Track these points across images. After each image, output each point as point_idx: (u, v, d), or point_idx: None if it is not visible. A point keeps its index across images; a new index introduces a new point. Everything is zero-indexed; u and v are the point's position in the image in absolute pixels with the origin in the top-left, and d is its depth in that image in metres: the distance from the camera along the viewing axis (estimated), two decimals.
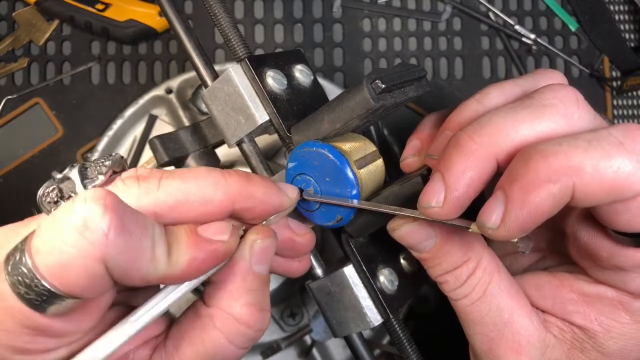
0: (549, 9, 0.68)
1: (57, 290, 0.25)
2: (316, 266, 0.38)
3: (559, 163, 0.25)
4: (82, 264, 0.25)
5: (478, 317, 0.33)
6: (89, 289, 0.26)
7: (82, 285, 0.25)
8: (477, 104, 0.32)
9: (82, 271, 0.25)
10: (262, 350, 0.58)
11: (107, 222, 0.25)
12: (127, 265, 0.26)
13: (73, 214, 0.25)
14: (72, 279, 0.25)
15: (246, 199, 0.31)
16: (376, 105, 0.31)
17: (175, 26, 0.38)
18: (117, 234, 0.25)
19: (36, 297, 0.25)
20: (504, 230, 0.26)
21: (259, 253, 0.31)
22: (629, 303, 0.31)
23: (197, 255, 0.29)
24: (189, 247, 0.29)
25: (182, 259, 0.28)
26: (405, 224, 0.33)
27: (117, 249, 0.25)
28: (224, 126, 0.37)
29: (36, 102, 0.64)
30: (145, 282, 0.27)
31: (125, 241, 0.25)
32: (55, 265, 0.25)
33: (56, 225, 0.25)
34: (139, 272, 0.27)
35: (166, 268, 0.28)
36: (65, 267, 0.25)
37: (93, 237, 0.25)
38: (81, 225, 0.25)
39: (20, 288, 0.25)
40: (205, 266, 0.29)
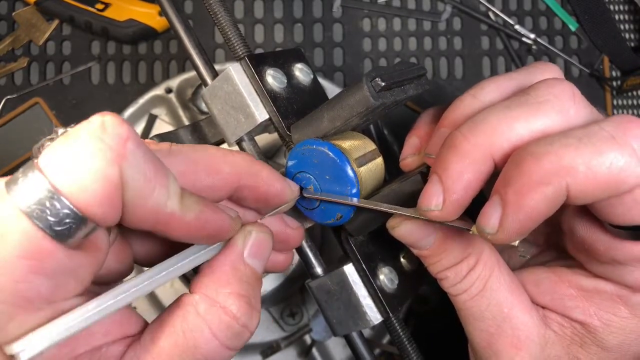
0: (549, 9, 0.68)
1: (75, 206, 0.22)
2: (316, 265, 0.38)
3: (551, 164, 0.25)
4: (101, 172, 0.22)
5: (477, 312, 0.33)
6: (107, 205, 0.23)
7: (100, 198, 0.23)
8: (473, 99, 0.32)
9: (101, 180, 0.22)
10: (262, 350, 0.58)
11: (125, 130, 0.23)
12: (141, 182, 0.24)
13: (89, 122, 0.23)
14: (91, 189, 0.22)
15: (252, 176, 0.31)
16: (376, 104, 0.31)
17: (175, 25, 0.38)
18: (136, 145, 0.24)
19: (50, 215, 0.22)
20: (503, 234, 0.27)
21: (254, 245, 0.30)
22: (627, 297, 0.31)
23: (206, 212, 0.27)
24: (200, 203, 0.27)
25: (192, 208, 0.27)
26: (405, 222, 0.33)
27: (134, 159, 0.23)
28: (223, 125, 0.37)
29: (36, 102, 0.64)
30: (153, 215, 0.25)
31: (142, 154, 0.24)
32: (72, 174, 0.22)
33: (70, 136, 0.23)
34: (150, 196, 0.24)
35: (176, 206, 0.26)
36: (83, 175, 0.22)
37: (112, 140, 0.23)
38: (99, 129, 0.23)
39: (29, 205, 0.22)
40: (210, 226, 0.28)
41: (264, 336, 0.58)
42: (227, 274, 0.29)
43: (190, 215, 0.27)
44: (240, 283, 0.29)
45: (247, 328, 0.28)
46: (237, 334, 0.28)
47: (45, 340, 0.23)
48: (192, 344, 0.27)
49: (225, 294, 0.28)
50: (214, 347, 0.27)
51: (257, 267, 0.31)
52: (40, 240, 0.22)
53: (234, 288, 0.28)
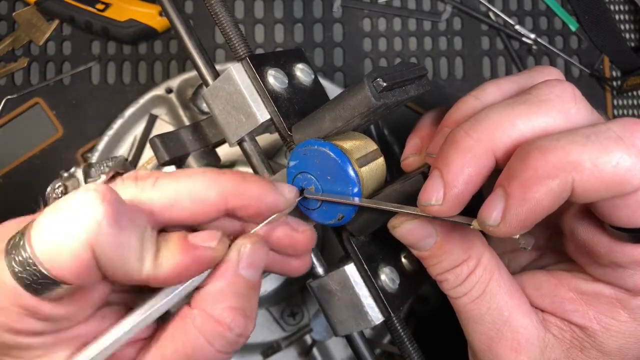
0: (549, 9, 0.68)
1: (49, 274, 0.26)
2: (317, 265, 0.38)
3: (558, 159, 0.25)
4: (72, 249, 0.26)
5: (477, 316, 0.33)
6: (78, 275, 0.27)
7: (71, 270, 0.26)
8: (474, 100, 0.32)
9: (71, 256, 0.26)
10: (262, 350, 0.58)
11: (101, 212, 0.26)
12: (113, 258, 0.27)
13: (73, 201, 0.27)
14: (62, 263, 0.26)
15: (239, 197, 0.31)
16: (377, 104, 0.31)
17: (176, 25, 0.38)
18: (109, 225, 0.27)
19: (31, 279, 0.26)
20: (505, 227, 0.26)
21: (247, 257, 0.31)
22: (627, 301, 0.31)
23: (182, 259, 0.29)
24: (175, 251, 0.29)
25: (166, 262, 0.29)
26: (406, 222, 0.33)
27: (106, 239, 0.27)
28: (224, 125, 0.37)
29: (36, 102, 0.64)
30: (128, 279, 0.28)
31: (115, 234, 0.27)
32: (49, 249, 0.26)
33: (55, 211, 0.27)
34: (124, 267, 0.28)
35: (151, 269, 0.29)
36: (57, 251, 0.26)
37: (86, 224, 0.26)
38: (77, 212, 0.26)
39: (17, 269, 0.26)
40: (189, 271, 0.30)
41: (264, 336, 0.58)
42: (223, 289, 0.31)
43: (165, 270, 0.29)
44: (235, 296, 0.31)
45: (241, 336, 0.31)
46: (232, 342, 0.31)
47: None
48: (191, 352, 0.30)
49: (220, 308, 0.30)
50: (210, 353, 0.30)
51: (252, 276, 0.32)
52: (25, 295, 0.27)
53: (229, 302, 0.31)
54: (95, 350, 0.29)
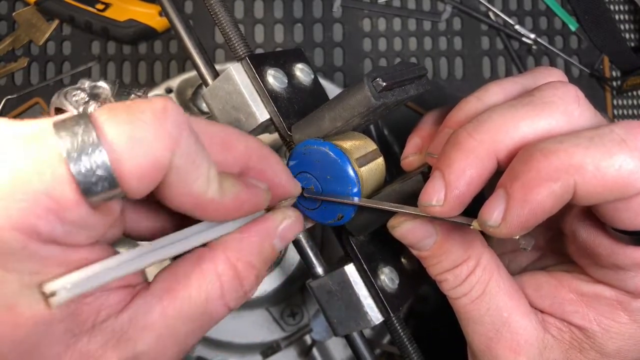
0: (549, 9, 0.68)
1: (119, 176, 0.23)
2: (317, 265, 0.38)
3: (561, 161, 0.25)
4: (157, 153, 0.23)
5: (477, 316, 0.33)
6: (147, 184, 0.24)
7: (145, 177, 0.24)
8: (477, 101, 0.32)
9: (151, 156, 0.23)
10: (262, 350, 0.58)
11: (185, 119, 0.25)
12: (188, 170, 0.25)
13: (152, 102, 0.24)
14: (142, 166, 0.23)
15: (261, 159, 0.31)
16: (377, 104, 0.31)
17: (175, 25, 0.38)
18: (190, 134, 0.25)
19: (92, 176, 0.23)
20: (505, 228, 0.26)
21: (287, 229, 0.32)
22: (627, 303, 0.31)
23: (244, 192, 0.28)
24: (237, 183, 0.28)
25: (230, 191, 0.28)
26: (406, 222, 0.33)
27: (187, 148, 0.25)
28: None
29: (36, 102, 0.64)
30: (191, 201, 0.26)
31: (195, 145, 0.25)
32: (126, 140, 0.23)
33: (133, 107, 0.24)
34: (193, 184, 0.26)
35: (216, 192, 0.27)
36: (137, 145, 0.23)
37: (171, 125, 0.24)
38: (162, 111, 0.24)
39: (74, 152, 0.22)
40: (247, 206, 0.29)
41: (264, 336, 0.58)
42: (253, 245, 0.30)
43: (229, 198, 0.28)
44: (259, 257, 0.30)
45: (246, 295, 0.30)
46: (239, 297, 0.30)
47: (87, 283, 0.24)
48: (205, 297, 0.28)
49: (243, 261, 0.29)
50: (220, 305, 0.29)
51: (278, 247, 0.31)
52: (69, 190, 0.23)
53: (252, 259, 0.30)
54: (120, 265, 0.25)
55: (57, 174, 0.23)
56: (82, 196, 0.23)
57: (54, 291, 0.23)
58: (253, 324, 0.58)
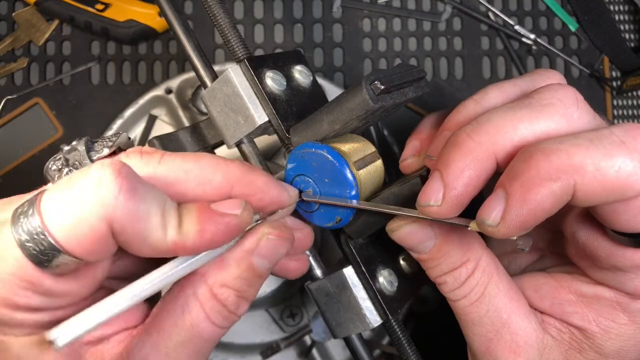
0: (549, 9, 0.68)
1: (61, 248, 0.26)
2: (315, 267, 0.38)
3: (561, 161, 0.25)
4: (89, 223, 0.25)
5: (476, 318, 0.33)
6: (92, 251, 0.26)
7: (84, 244, 0.26)
8: (476, 104, 0.32)
9: (87, 230, 0.26)
10: (262, 351, 0.58)
11: (118, 185, 0.26)
12: (135, 230, 0.26)
13: (88, 174, 0.26)
14: (78, 237, 0.26)
15: (245, 185, 0.31)
16: (375, 107, 0.31)
17: (174, 27, 0.38)
18: (127, 199, 0.26)
19: (40, 252, 0.26)
20: (504, 228, 0.26)
21: (266, 248, 0.31)
22: (627, 304, 0.31)
23: (207, 226, 0.28)
24: (200, 218, 0.29)
25: (192, 229, 0.28)
26: (405, 225, 0.33)
27: (125, 212, 0.26)
28: (223, 127, 0.37)
29: (36, 102, 0.64)
30: (155, 250, 0.28)
31: (135, 205, 0.26)
32: (63, 222, 0.25)
33: (69, 184, 0.26)
34: (148, 238, 0.27)
35: (177, 236, 0.28)
36: (73, 224, 0.25)
37: (103, 197, 0.25)
38: (94, 185, 0.26)
39: (24, 237, 0.26)
40: (216, 238, 0.29)
41: (263, 337, 0.58)
42: (229, 268, 0.31)
43: (191, 238, 0.28)
44: (236, 279, 0.31)
45: (235, 314, 0.31)
46: (227, 317, 0.31)
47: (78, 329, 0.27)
48: (190, 322, 0.30)
49: (219, 284, 0.31)
50: (207, 325, 0.30)
51: (262, 266, 0.31)
52: (30, 269, 0.26)
53: (229, 282, 0.31)
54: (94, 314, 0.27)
55: (15, 257, 0.26)
56: (41, 270, 0.26)
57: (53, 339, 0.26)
58: (253, 325, 0.58)
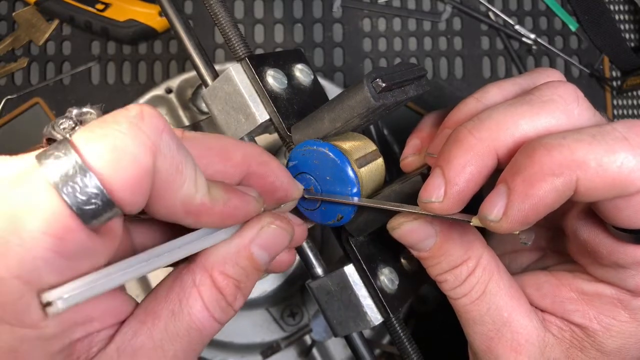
0: (549, 9, 0.68)
1: (104, 187, 0.22)
2: (316, 265, 0.38)
3: (563, 156, 0.25)
4: (135, 156, 0.23)
5: (477, 316, 0.33)
6: (136, 190, 0.23)
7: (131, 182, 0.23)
8: (476, 102, 0.32)
9: (135, 166, 0.23)
10: (262, 350, 0.58)
11: (162, 123, 0.24)
12: (173, 174, 0.24)
13: (127, 110, 0.24)
14: (123, 171, 0.22)
15: (261, 164, 0.30)
16: (377, 104, 0.31)
17: (175, 26, 0.38)
18: (170, 137, 0.24)
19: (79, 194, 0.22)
20: (506, 223, 0.26)
21: (267, 238, 0.30)
22: (628, 301, 0.31)
23: (233, 198, 0.28)
24: (226, 191, 0.28)
25: (220, 196, 0.27)
26: (406, 223, 0.33)
27: (168, 151, 0.24)
28: (224, 125, 0.37)
29: (36, 102, 0.64)
30: (182, 207, 0.26)
31: (176, 147, 0.25)
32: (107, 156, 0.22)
33: (108, 119, 0.23)
34: (180, 189, 0.25)
35: (206, 197, 0.26)
36: (117, 159, 0.22)
37: (149, 129, 0.23)
38: (137, 117, 0.23)
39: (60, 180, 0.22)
40: (237, 212, 0.28)
41: (264, 336, 0.58)
42: (228, 255, 0.29)
43: (219, 204, 0.27)
44: (235, 267, 0.29)
45: (231, 307, 0.30)
46: (224, 309, 0.29)
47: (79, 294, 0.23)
48: (187, 311, 0.28)
49: (218, 271, 0.29)
50: (205, 317, 0.28)
51: (261, 258, 0.30)
52: (66, 219, 0.22)
53: (228, 270, 0.29)
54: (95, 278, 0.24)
55: (50, 206, 0.22)
56: (81, 222, 0.23)
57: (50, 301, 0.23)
58: (253, 324, 0.58)
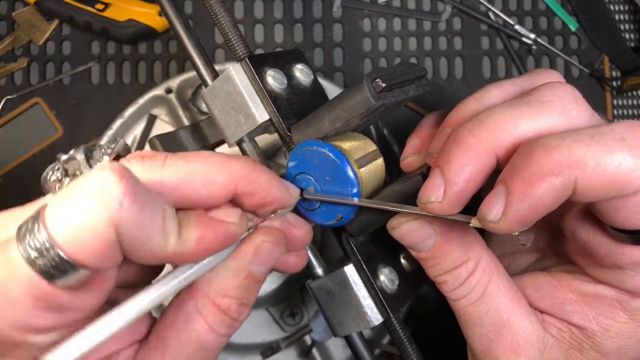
0: (549, 9, 0.68)
1: (70, 259, 0.25)
2: (316, 265, 0.38)
3: (562, 157, 0.25)
4: (95, 230, 0.25)
5: (477, 318, 0.33)
6: (100, 258, 0.25)
7: (94, 252, 0.25)
8: (476, 102, 0.32)
9: (95, 237, 0.25)
10: (262, 350, 0.58)
11: (121, 189, 0.25)
12: (138, 235, 0.26)
13: (89, 181, 0.25)
14: (85, 245, 0.25)
15: (249, 183, 0.30)
16: (377, 104, 0.31)
17: (175, 26, 0.38)
18: (131, 203, 0.25)
19: (49, 265, 0.25)
20: (505, 223, 0.26)
21: (263, 256, 0.31)
22: (627, 302, 0.31)
23: (206, 233, 0.28)
24: (198, 225, 0.28)
25: (191, 236, 0.28)
26: (405, 223, 0.33)
27: (130, 216, 0.25)
28: (224, 125, 0.37)
29: (36, 102, 0.64)
30: (153, 257, 0.27)
31: (138, 210, 0.26)
32: (70, 231, 0.25)
33: (71, 193, 0.25)
34: (149, 244, 0.26)
35: (176, 244, 0.27)
36: (79, 232, 0.25)
37: (107, 203, 0.25)
38: (96, 191, 0.25)
39: (33, 255, 0.25)
40: (214, 245, 0.29)
41: (264, 336, 0.58)
42: (229, 280, 0.31)
43: (190, 245, 0.28)
44: (237, 289, 0.31)
45: (237, 321, 0.32)
46: (230, 324, 0.31)
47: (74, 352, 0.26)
48: (194, 335, 0.30)
49: (221, 295, 0.31)
50: (212, 337, 0.31)
51: (261, 272, 0.32)
52: (43, 285, 0.25)
53: (230, 293, 0.31)
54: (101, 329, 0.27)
55: (27, 276, 0.25)
56: (54, 285, 0.25)
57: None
58: (253, 325, 0.58)
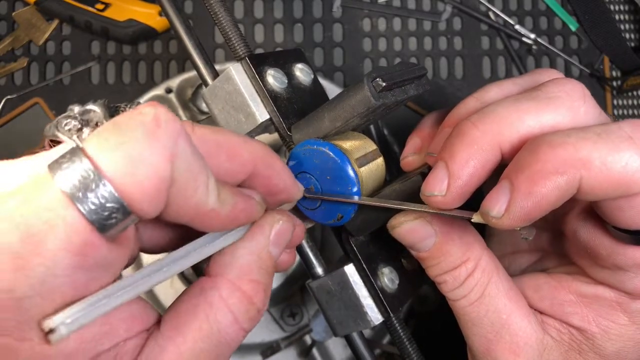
0: (549, 9, 0.68)
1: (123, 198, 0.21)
2: (316, 265, 0.38)
3: (568, 154, 0.25)
4: (152, 165, 0.22)
5: (476, 318, 0.33)
6: (155, 199, 0.23)
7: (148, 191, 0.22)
8: (476, 101, 0.32)
9: (153, 172, 0.22)
10: (262, 350, 0.57)
11: (178, 126, 0.23)
12: (188, 180, 0.24)
13: (142, 113, 0.23)
14: (141, 182, 0.22)
15: (267, 166, 0.30)
16: (377, 104, 0.31)
17: (175, 25, 0.38)
18: (186, 143, 0.23)
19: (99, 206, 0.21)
20: (508, 220, 0.26)
21: (279, 234, 0.30)
22: (627, 304, 0.31)
23: (240, 201, 0.28)
24: (233, 193, 0.28)
25: (229, 200, 0.27)
26: (405, 222, 0.33)
27: (185, 156, 0.23)
28: (224, 125, 0.37)
29: (36, 101, 0.64)
30: (192, 211, 0.25)
31: (191, 153, 0.24)
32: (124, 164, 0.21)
33: (122, 126, 0.22)
34: (195, 193, 0.24)
35: (216, 202, 0.26)
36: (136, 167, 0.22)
37: (165, 135, 0.22)
38: (153, 122, 0.22)
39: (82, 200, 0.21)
40: (243, 216, 0.28)
41: (264, 336, 0.58)
42: (251, 261, 0.29)
43: (227, 208, 0.27)
44: (260, 271, 0.29)
45: (260, 312, 0.29)
46: (253, 317, 0.29)
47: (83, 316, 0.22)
48: (216, 327, 0.27)
49: (246, 280, 0.28)
50: (234, 330, 0.28)
51: (275, 255, 0.31)
52: (87, 233, 0.22)
53: (254, 275, 0.29)
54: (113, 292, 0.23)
55: (69, 222, 0.21)
56: (101, 234, 0.22)
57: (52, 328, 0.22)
58: None
